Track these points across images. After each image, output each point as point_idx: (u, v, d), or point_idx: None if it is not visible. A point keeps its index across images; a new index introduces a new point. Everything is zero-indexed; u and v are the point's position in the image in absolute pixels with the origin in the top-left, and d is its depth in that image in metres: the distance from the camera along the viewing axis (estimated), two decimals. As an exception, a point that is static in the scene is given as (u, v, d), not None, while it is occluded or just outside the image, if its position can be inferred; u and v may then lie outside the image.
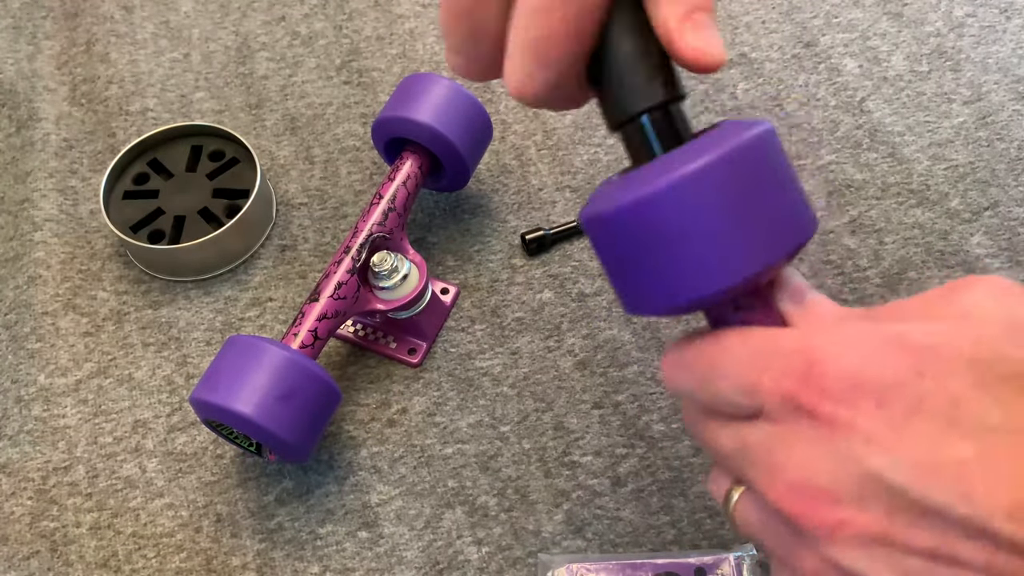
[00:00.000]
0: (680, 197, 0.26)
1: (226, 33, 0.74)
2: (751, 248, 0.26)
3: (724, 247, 0.26)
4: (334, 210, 0.63)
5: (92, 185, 0.65)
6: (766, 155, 0.27)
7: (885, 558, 0.23)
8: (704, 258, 0.26)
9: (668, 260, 0.26)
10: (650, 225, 0.26)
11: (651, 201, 0.26)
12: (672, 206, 0.26)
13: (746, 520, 0.29)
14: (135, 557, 0.50)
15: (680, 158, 0.26)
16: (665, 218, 0.26)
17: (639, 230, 0.27)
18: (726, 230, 0.26)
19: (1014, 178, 0.61)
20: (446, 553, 0.49)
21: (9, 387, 0.57)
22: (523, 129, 0.66)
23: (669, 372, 0.30)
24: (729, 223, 0.26)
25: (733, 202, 0.26)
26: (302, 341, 0.49)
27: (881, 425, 0.23)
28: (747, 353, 0.27)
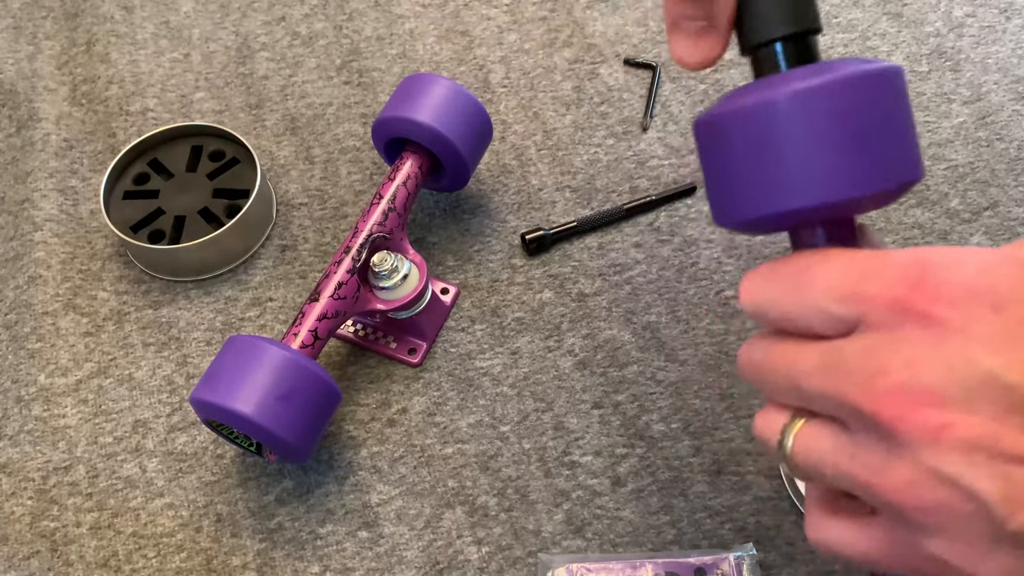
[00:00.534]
0: (802, 106, 0.27)
1: (226, 33, 0.74)
2: (860, 171, 0.27)
3: (834, 163, 0.27)
4: (334, 210, 0.63)
5: (92, 185, 0.65)
6: (888, 90, 0.28)
7: (989, 464, 0.23)
8: (813, 170, 0.27)
9: (779, 166, 0.28)
10: (769, 129, 0.27)
11: (774, 104, 0.27)
12: (793, 114, 0.27)
13: (810, 451, 0.27)
14: (135, 557, 0.50)
15: (806, 74, 0.28)
16: (784, 124, 0.27)
17: (757, 132, 0.28)
18: (839, 147, 0.27)
19: (1014, 178, 0.61)
20: (446, 553, 0.49)
21: (9, 387, 0.57)
22: (523, 129, 0.66)
23: (752, 283, 0.29)
24: (842, 142, 0.27)
25: (849, 124, 0.27)
26: (302, 341, 0.49)
27: (997, 329, 0.23)
28: (850, 262, 0.26)
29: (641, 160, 0.64)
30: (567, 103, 0.68)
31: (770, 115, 0.27)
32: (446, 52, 0.71)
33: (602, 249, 0.60)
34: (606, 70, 0.69)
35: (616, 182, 0.63)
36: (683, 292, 0.58)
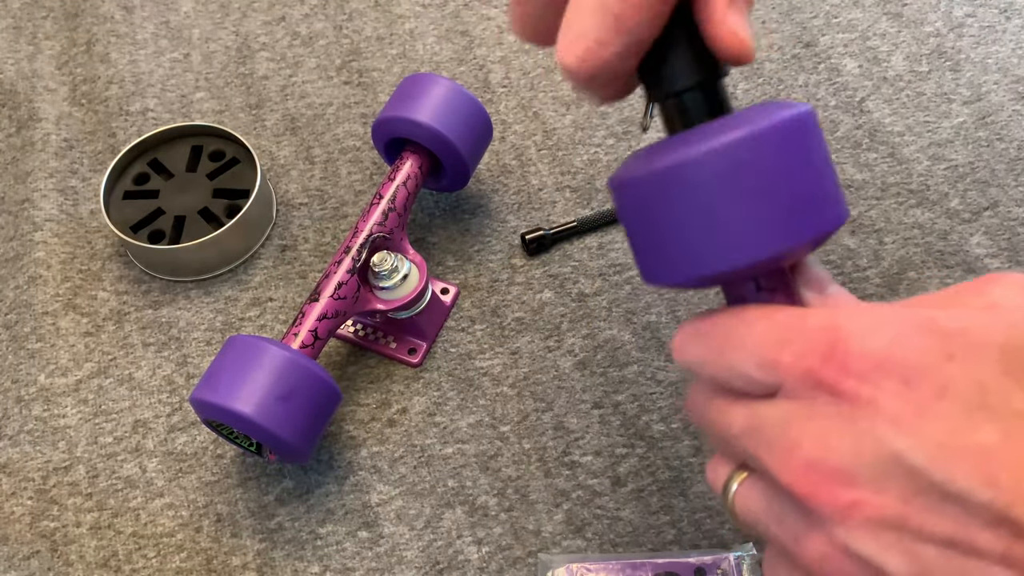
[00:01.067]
0: (713, 166, 0.26)
1: (226, 33, 0.74)
2: (780, 226, 0.26)
3: (753, 221, 0.26)
4: (334, 210, 0.63)
5: (92, 185, 0.65)
6: (803, 136, 0.27)
7: (898, 543, 0.23)
8: (731, 230, 0.26)
9: (696, 229, 0.27)
10: (682, 191, 0.26)
11: (686, 166, 0.26)
12: (705, 174, 0.26)
13: (747, 507, 0.28)
14: (135, 557, 0.50)
15: (717, 129, 0.26)
16: (697, 185, 0.26)
17: (670, 195, 0.27)
18: (757, 204, 0.26)
19: (1014, 178, 0.61)
20: (446, 553, 0.49)
21: (9, 387, 0.57)
22: (523, 129, 0.66)
23: (682, 342, 0.29)
24: (760, 198, 0.26)
25: (766, 177, 0.26)
26: (302, 341, 0.49)
27: (905, 406, 0.23)
28: (769, 327, 0.26)
29: (641, 160, 0.64)
30: (567, 103, 0.68)
31: (682, 178, 0.26)
32: (446, 52, 0.71)
33: (602, 249, 0.60)
34: (606, 70, 0.69)
35: (616, 182, 0.63)
36: (683, 292, 0.58)
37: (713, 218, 0.26)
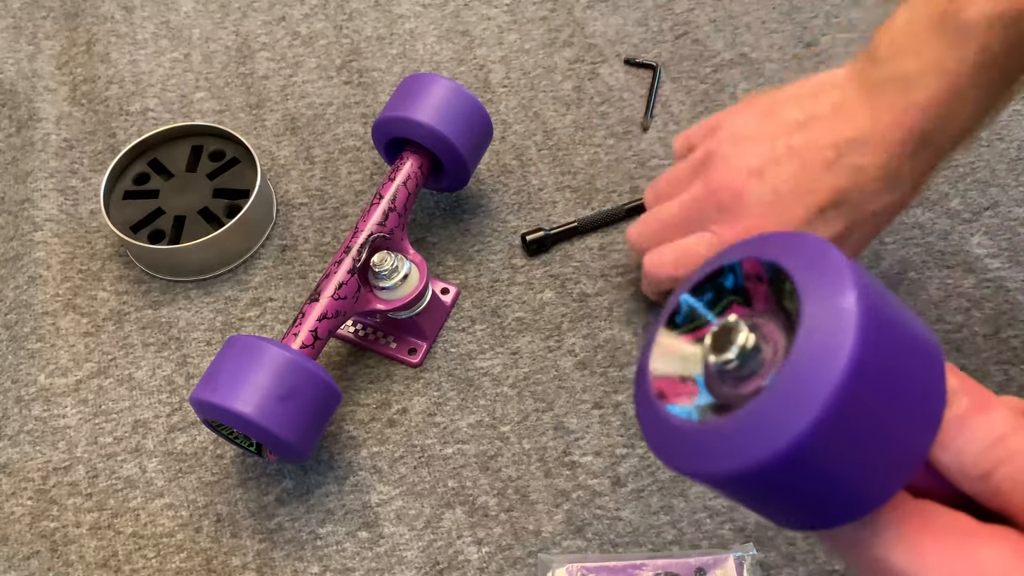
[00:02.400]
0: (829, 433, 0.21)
1: (226, 33, 0.74)
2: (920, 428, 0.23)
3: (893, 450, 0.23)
4: (334, 210, 0.63)
5: (92, 185, 0.65)
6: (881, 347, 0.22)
7: None
8: (870, 480, 0.23)
9: (832, 491, 0.23)
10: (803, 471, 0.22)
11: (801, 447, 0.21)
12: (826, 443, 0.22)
13: None
14: (135, 557, 0.50)
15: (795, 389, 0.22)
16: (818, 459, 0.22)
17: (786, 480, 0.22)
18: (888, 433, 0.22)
19: (1014, 178, 0.61)
20: (446, 553, 0.49)
21: (9, 387, 0.57)
22: (523, 129, 0.66)
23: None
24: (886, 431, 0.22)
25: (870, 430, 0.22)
26: (302, 341, 0.49)
27: None
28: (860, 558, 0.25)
29: (641, 160, 0.64)
30: (567, 103, 0.67)
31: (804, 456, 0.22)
32: (446, 52, 0.71)
33: (603, 250, 0.60)
34: (606, 70, 0.69)
35: (616, 182, 0.63)
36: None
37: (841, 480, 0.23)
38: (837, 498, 0.23)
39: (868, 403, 0.22)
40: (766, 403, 0.22)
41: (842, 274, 0.22)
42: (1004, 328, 0.55)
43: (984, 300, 0.56)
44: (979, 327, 0.55)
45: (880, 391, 0.22)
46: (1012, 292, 0.56)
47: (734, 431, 0.22)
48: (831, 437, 0.21)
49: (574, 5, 0.73)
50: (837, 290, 0.22)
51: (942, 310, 0.56)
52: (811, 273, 0.23)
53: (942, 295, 0.57)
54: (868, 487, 0.23)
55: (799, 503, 0.23)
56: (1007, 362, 0.54)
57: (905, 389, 0.23)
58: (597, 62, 0.70)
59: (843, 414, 0.21)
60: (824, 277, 0.23)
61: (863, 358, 0.21)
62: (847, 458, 0.22)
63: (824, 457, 0.22)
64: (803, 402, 0.21)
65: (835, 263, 0.23)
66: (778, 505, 0.24)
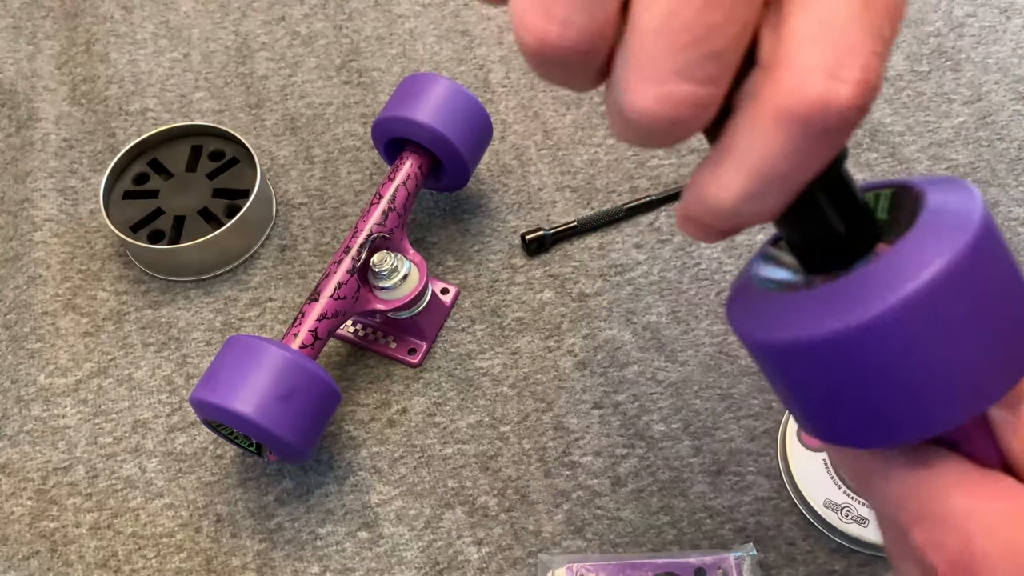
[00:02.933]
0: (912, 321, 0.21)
1: (226, 33, 0.74)
2: (989, 380, 0.22)
3: (970, 371, 0.21)
4: (334, 210, 0.63)
5: (92, 185, 0.65)
6: (987, 263, 0.21)
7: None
8: (930, 398, 0.22)
9: (888, 398, 0.22)
10: (884, 352, 0.21)
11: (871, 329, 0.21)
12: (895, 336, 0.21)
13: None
14: (135, 557, 0.50)
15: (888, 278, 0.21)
16: (899, 345, 0.21)
17: (868, 358, 0.21)
18: (957, 359, 0.21)
19: (1014, 178, 0.61)
20: (446, 553, 0.49)
21: (9, 387, 0.57)
22: (523, 129, 0.66)
23: (832, 450, 0.28)
24: (961, 348, 0.21)
25: (961, 326, 0.21)
26: (302, 341, 0.49)
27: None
28: (908, 489, 0.24)
29: (641, 160, 0.64)
30: (567, 103, 0.67)
31: (883, 338, 0.21)
32: (446, 52, 0.71)
33: (603, 249, 0.60)
34: (606, 70, 0.69)
35: (616, 182, 0.63)
36: (684, 292, 0.58)
37: (914, 383, 0.22)
38: (924, 393, 0.22)
39: (978, 289, 0.21)
40: (887, 262, 0.21)
41: (969, 189, 0.22)
42: (1004, 328, 0.55)
43: (984, 300, 0.56)
44: (979, 327, 0.55)
45: (991, 286, 0.21)
46: (1012, 292, 0.56)
47: (848, 289, 0.21)
48: (943, 303, 0.20)
49: (574, 5, 0.73)
50: (963, 195, 0.22)
51: (942, 310, 0.56)
52: (939, 186, 0.23)
53: (942, 295, 0.57)
54: (956, 393, 0.22)
55: (888, 391, 0.22)
56: (1007, 362, 0.54)
57: (1010, 311, 0.22)
58: (597, 62, 0.70)
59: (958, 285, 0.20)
60: (951, 189, 0.22)
61: (983, 238, 0.21)
62: (947, 345, 0.21)
63: (928, 329, 0.21)
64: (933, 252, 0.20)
65: (966, 187, 0.22)
66: (862, 390, 0.22)
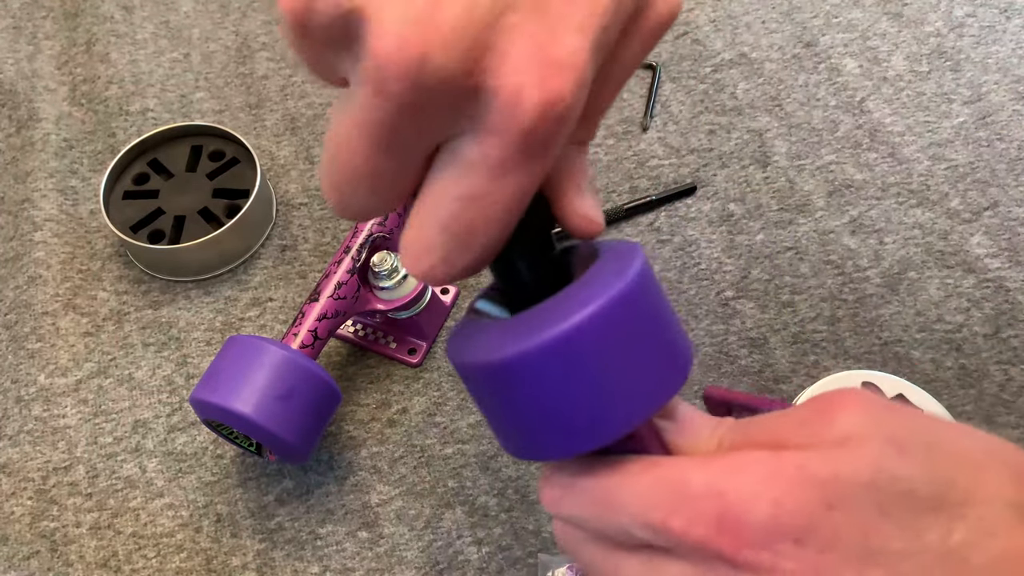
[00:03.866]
0: (550, 358, 0.24)
1: (226, 33, 0.74)
2: (641, 397, 0.25)
3: (612, 399, 0.25)
4: (334, 210, 0.63)
5: (92, 185, 0.65)
6: (643, 298, 0.26)
7: None
8: (594, 410, 0.25)
9: (554, 414, 0.25)
10: (536, 380, 0.25)
11: (527, 356, 0.24)
12: (547, 364, 0.25)
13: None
14: (135, 557, 0.50)
15: (562, 308, 0.25)
16: (545, 374, 0.25)
17: (523, 384, 0.25)
18: (612, 382, 0.25)
19: (1014, 178, 0.61)
20: (446, 553, 0.49)
21: (9, 387, 0.57)
22: (523, 129, 0.66)
23: (555, 498, 0.28)
24: (614, 375, 0.25)
25: (617, 353, 0.25)
26: (302, 341, 0.49)
27: (802, 565, 0.23)
28: (651, 488, 0.26)
29: (641, 160, 0.64)
30: (567, 103, 0.67)
31: (530, 368, 0.25)
32: (446, 52, 0.71)
33: (602, 249, 0.60)
34: (606, 70, 0.69)
35: (616, 182, 0.63)
36: (684, 292, 0.58)
37: (566, 405, 0.25)
38: (592, 408, 0.25)
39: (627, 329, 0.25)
40: (550, 307, 0.25)
41: (635, 252, 0.26)
42: (1004, 328, 0.55)
43: (984, 300, 0.56)
44: (979, 327, 0.55)
45: (631, 333, 0.25)
46: (1012, 292, 0.56)
47: (521, 324, 0.25)
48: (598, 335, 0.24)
49: (574, 5, 0.73)
50: (625, 262, 0.26)
51: (942, 310, 0.56)
52: (612, 251, 0.27)
53: (942, 295, 0.57)
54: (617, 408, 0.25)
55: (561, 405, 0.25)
56: (1007, 362, 0.54)
57: (650, 350, 0.26)
58: (597, 62, 0.70)
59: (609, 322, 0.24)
60: (620, 254, 0.27)
61: (635, 289, 0.25)
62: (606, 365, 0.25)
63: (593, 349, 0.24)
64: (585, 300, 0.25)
65: (633, 250, 0.27)
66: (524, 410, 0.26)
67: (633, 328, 0.25)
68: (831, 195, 0.61)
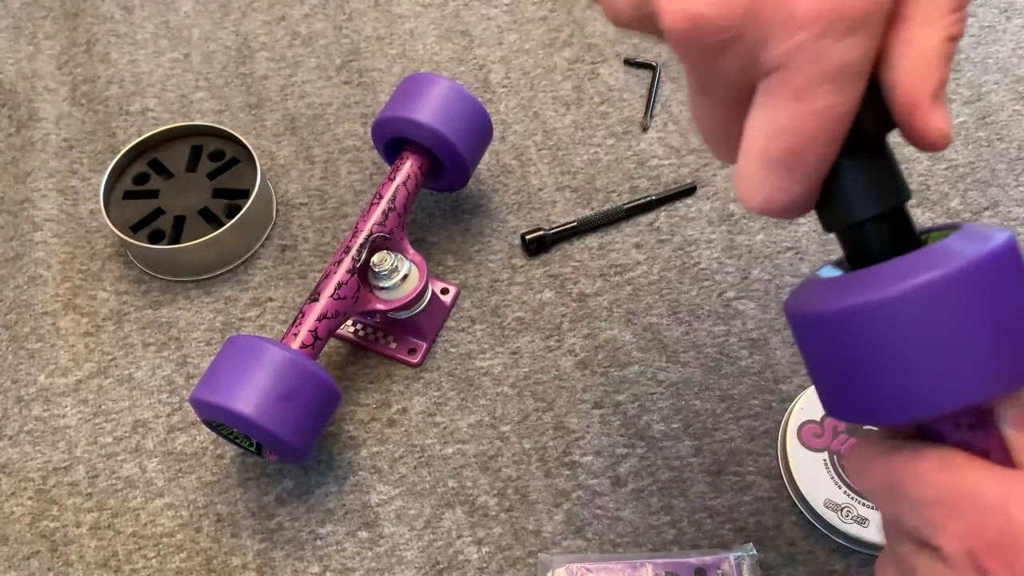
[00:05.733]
0: (912, 308, 0.24)
1: (226, 33, 0.74)
2: (985, 372, 0.24)
3: (955, 367, 0.24)
4: (334, 210, 0.63)
5: (92, 185, 0.65)
6: (1006, 274, 0.24)
7: None
8: (931, 377, 0.24)
9: (892, 374, 0.24)
10: (879, 332, 0.24)
11: (882, 306, 0.24)
12: (903, 316, 0.24)
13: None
14: (135, 557, 0.50)
15: (910, 267, 0.24)
16: (894, 328, 0.24)
17: (866, 336, 0.24)
18: (959, 349, 0.24)
19: (1014, 178, 0.61)
20: (446, 553, 0.49)
21: (9, 387, 0.57)
22: (523, 129, 0.66)
23: (856, 468, 0.28)
24: (963, 342, 0.24)
25: (969, 320, 0.24)
26: (302, 341, 0.49)
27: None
28: (943, 488, 0.25)
29: (641, 160, 0.64)
30: (567, 103, 0.67)
31: (878, 318, 0.24)
32: (446, 52, 0.71)
33: (603, 249, 0.60)
34: (606, 70, 0.69)
35: (616, 182, 0.63)
36: (684, 293, 0.58)
37: (911, 363, 0.24)
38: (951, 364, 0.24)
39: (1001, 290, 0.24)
40: (910, 260, 0.24)
41: (1002, 230, 0.25)
42: (1004, 328, 0.55)
43: (984, 300, 0.56)
44: (979, 327, 0.55)
45: (1008, 296, 0.24)
46: (1012, 292, 0.56)
47: (890, 270, 0.24)
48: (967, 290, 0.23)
49: (574, 5, 0.73)
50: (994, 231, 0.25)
51: (942, 310, 0.56)
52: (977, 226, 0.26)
53: (942, 295, 0.57)
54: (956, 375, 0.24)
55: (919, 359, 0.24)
56: (1007, 362, 0.54)
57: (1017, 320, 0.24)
58: (597, 62, 0.70)
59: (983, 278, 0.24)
60: (983, 231, 0.25)
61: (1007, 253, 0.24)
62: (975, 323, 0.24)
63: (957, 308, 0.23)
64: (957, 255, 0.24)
65: (999, 229, 0.25)
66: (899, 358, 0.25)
67: (1008, 291, 0.24)
68: (831, 195, 0.61)
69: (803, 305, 0.27)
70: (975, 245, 0.24)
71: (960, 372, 0.24)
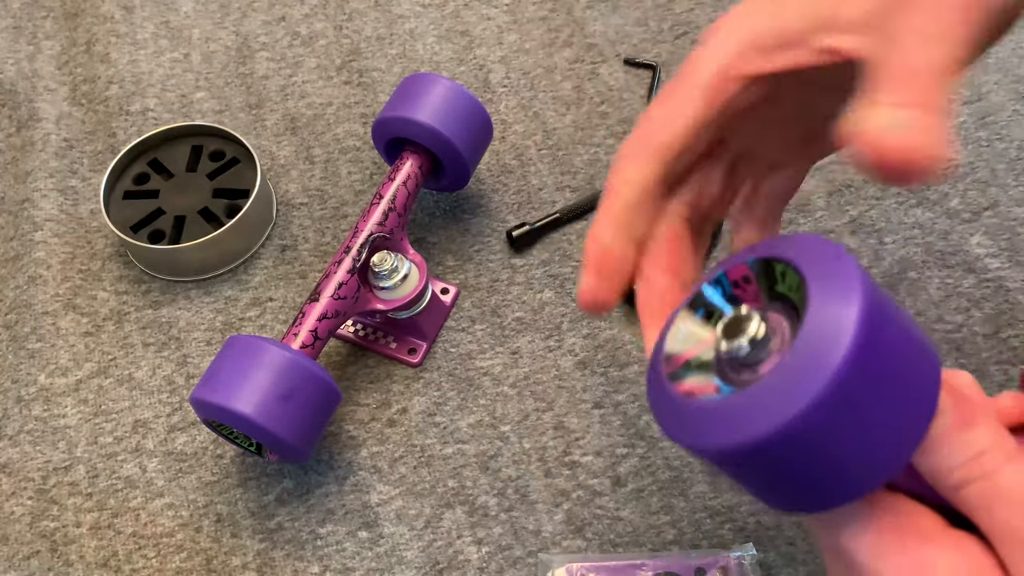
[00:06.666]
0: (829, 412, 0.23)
1: (226, 33, 0.74)
2: (903, 441, 0.24)
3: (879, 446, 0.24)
4: (334, 210, 0.63)
5: (92, 185, 0.65)
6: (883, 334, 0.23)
7: None
8: (861, 463, 0.24)
9: (821, 476, 0.24)
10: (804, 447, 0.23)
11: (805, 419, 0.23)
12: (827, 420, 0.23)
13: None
14: (135, 557, 0.50)
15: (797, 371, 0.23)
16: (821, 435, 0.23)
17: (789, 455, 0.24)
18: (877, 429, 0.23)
19: (1014, 178, 0.61)
20: (446, 553, 0.49)
21: (9, 387, 0.57)
22: (523, 129, 0.66)
23: (819, 536, 0.28)
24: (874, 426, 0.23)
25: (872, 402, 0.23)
26: (302, 341, 0.49)
27: None
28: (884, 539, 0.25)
29: (641, 160, 0.64)
30: (567, 103, 0.67)
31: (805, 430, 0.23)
32: (446, 52, 0.71)
33: (602, 249, 0.60)
34: (606, 70, 0.69)
35: (616, 182, 0.63)
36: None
37: (814, 474, 0.24)
38: (824, 482, 0.24)
39: (863, 392, 0.23)
40: (771, 384, 0.23)
41: (850, 271, 0.24)
42: (1004, 328, 0.55)
43: (984, 300, 0.56)
44: (979, 327, 0.55)
45: (876, 383, 0.23)
46: (1012, 292, 0.56)
47: (741, 408, 0.24)
48: (826, 419, 0.23)
49: (574, 5, 0.73)
50: (843, 286, 0.24)
51: (942, 310, 0.56)
52: (819, 269, 0.25)
53: (942, 295, 0.57)
54: (854, 476, 0.24)
55: (790, 482, 0.25)
56: (1007, 362, 0.54)
57: (899, 387, 0.24)
58: (597, 62, 0.70)
59: (839, 399, 0.23)
60: (831, 274, 0.24)
61: (863, 347, 0.23)
62: (838, 443, 0.23)
63: (818, 438, 0.23)
64: (804, 384, 0.23)
65: (844, 261, 0.24)
66: (771, 482, 0.25)
67: (880, 372, 0.23)
68: (831, 195, 0.61)
69: (703, 436, 0.26)
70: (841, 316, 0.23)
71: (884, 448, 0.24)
